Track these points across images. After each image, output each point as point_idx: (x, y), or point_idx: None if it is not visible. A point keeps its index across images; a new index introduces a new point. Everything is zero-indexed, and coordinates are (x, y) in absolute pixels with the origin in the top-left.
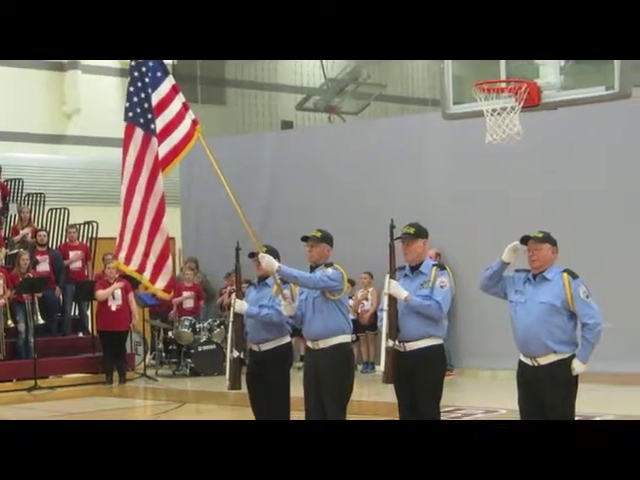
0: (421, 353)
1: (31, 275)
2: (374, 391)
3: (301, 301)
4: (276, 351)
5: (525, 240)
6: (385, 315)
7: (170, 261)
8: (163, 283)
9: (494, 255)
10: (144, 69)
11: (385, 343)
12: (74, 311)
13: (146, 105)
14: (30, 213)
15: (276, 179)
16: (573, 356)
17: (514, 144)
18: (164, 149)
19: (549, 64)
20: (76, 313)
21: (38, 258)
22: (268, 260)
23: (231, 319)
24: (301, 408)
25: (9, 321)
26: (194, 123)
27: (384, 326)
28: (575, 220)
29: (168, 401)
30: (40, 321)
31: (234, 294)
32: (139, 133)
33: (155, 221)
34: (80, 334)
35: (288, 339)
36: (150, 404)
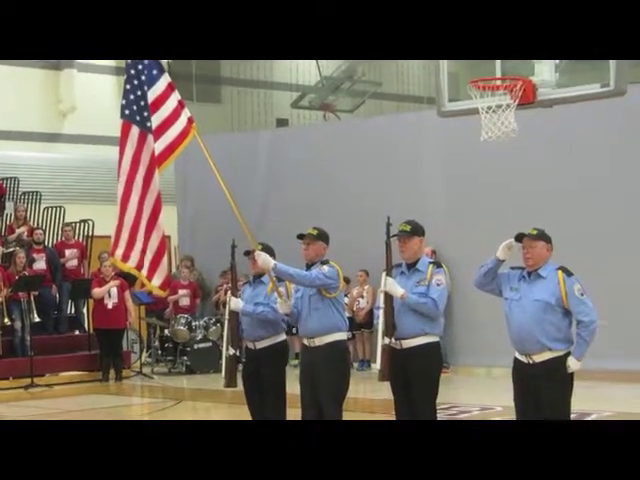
0: (417, 351)
1: (27, 273)
2: (370, 388)
3: (297, 299)
4: (272, 349)
5: (520, 237)
6: (381, 313)
7: (165, 258)
8: (159, 280)
9: (490, 252)
10: (140, 67)
11: (381, 341)
12: (70, 309)
13: (142, 103)
14: (26, 211)
15: (271, 177)
16: (568, 354)
17: (509, 142)
18: (160, 146)
19: (544, 62)
20: (72, 311)
21: (34, 256)
22: (264, 258)
23: (227, 317)
24: (297, 406)
25: (5, 319)
26: (190, 121)
27: (380, 324)
28: (571, 217)
29: (164, 399)
30: (36, 319)
31: (230, 292)
32: (135, 131)
33: (151, 218)
34: (76, 332)
35: (284, 337)
36: (146, 402)
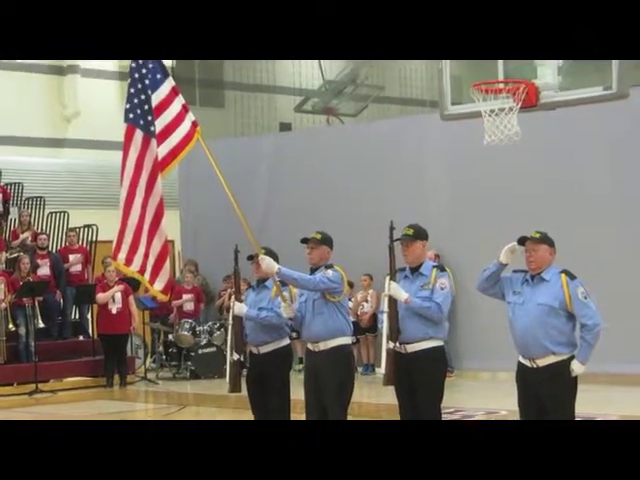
0: (422, 355)
1: (31, 279)
2: (375, 393)
3: (301, 303)
4: (275, 353)
5: (522, 241)
6: (385, 317)
7: (168, 263)
8: (161, 285)
9: (493, 256)
10: (144, 71)
11: (386, 345)
12: (74, 314)
13: (146, 107)
14: (30, 217)
15: (275, 181)
16: (572, 357)
17: (512, 145)
18: (163, 151)
19: (547, 64)
20: (76, 316)
21: (39, 262)
22: (268, 262)
23: (230, 322)
24: (301, 410)
25: (10, 325)
26: (194, 125)
27: (384, 328)
28: (574, 221)
29: (169, 404)
30: (41, 325)
31: (233, 297)
32: (139, 135)
33: (154, 222)
34: (81, 337)
35: (287, 341)
36: (151, 407)
